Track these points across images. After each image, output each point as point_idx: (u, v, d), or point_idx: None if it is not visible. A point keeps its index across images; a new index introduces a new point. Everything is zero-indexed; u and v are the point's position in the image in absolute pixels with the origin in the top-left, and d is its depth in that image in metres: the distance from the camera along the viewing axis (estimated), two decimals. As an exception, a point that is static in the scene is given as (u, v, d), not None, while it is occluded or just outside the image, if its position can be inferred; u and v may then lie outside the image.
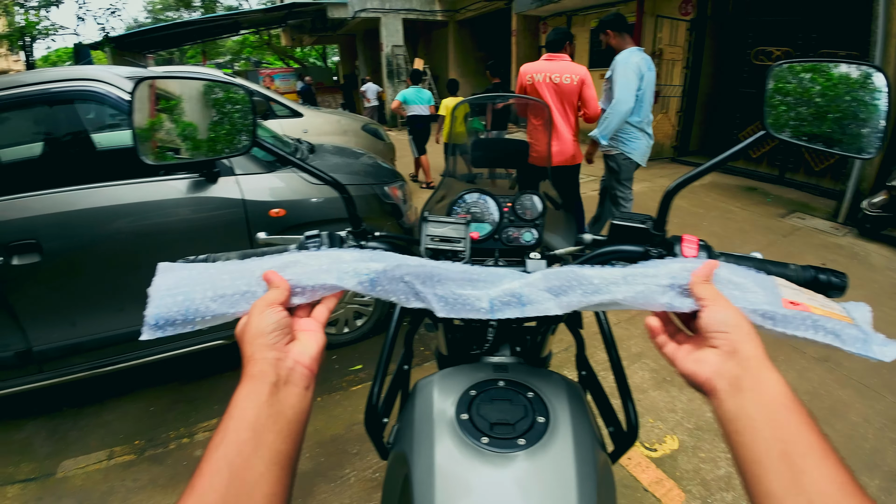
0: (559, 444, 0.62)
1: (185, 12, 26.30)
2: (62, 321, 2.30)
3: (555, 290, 0.59)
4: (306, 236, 0.72)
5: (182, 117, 0.73)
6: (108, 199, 2.23)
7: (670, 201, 0.70)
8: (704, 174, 0.68)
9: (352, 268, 0.59)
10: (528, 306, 0.59)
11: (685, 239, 0.68)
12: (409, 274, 0.60)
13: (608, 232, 0.75)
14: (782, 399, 0.44)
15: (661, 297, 0.56)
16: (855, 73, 0.62)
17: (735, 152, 0.66)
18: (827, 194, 6.06)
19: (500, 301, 0.59)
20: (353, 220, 0.77)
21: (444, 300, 0.59)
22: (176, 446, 2.30)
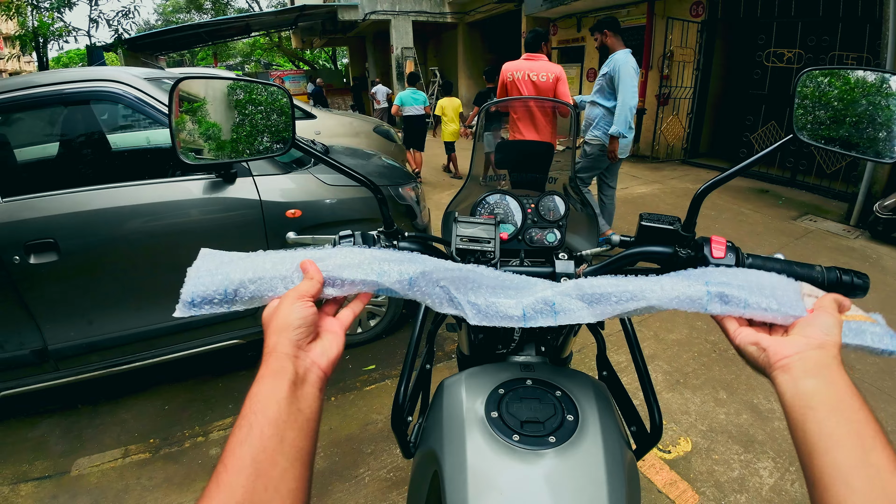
0: (589, 442, 0.63)
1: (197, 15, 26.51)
2: (79, 320, 2.33)
3: (587, 298, 0.60)
4: (340, 236, 0.73)
5: (219, 118, 0.74)
6: (125, 200, 2.26)
7: (701, 202, 0.71)
8: (734, 176, 0.69)
9: (394, 267, 0.60)
10: (561, 314, 0.60)
11: (714, 240, 0.68)
12: (446, 279, 0.61)
13: (636, 233, 0.76)
14: (853, 390, 0.48)
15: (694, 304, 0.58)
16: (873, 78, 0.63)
17: (764, 155, 0.67)
18: (839, 197, 6.01)
19: (533, 309, 0.60)
20: (386, 220, 0.79)
21: (476, 307, 0.60)
22: (191, 445, 2.33)
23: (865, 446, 0.43)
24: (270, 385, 0.49)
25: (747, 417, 2.37)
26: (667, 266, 0.74)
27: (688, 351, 2.91)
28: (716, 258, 0.67)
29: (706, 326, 3.15)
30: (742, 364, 2.70)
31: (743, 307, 0.57)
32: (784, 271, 0.68)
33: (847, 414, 0.46)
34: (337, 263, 0.60)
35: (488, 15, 13.77)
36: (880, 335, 0.57)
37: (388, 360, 2.90)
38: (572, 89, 11.12)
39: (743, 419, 2.36)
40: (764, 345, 0.54)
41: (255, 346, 2.98)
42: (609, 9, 9.52)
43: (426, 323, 0.95)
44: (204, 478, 2.13)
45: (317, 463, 2.14)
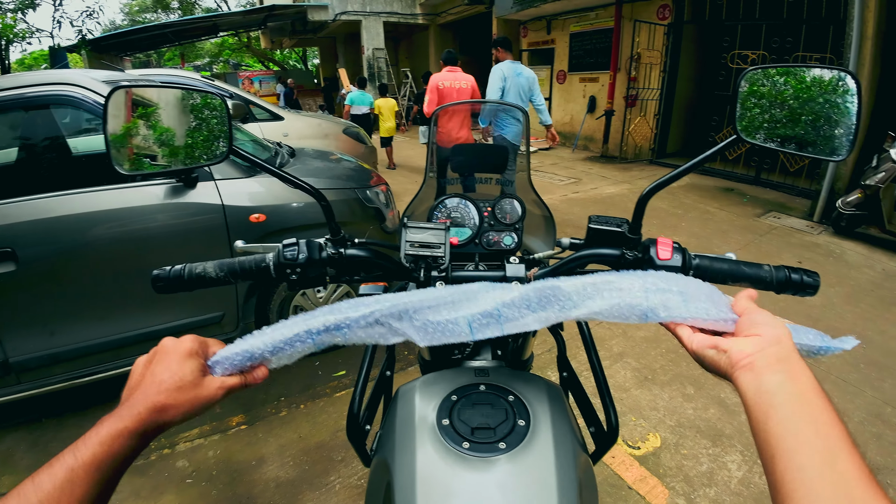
0: (540, 447, 0.63)
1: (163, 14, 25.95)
2: (40, 331, 2.25)
3: (533, 306, 0.60)
4: (284, 245, 0.72)
5: (156, 125, 0.72)
6: (86, 206, 2.19)
7: (645, 205, 0.71)
8: (678, 178, 0.69)
9: (318, 320, 0.60)
10: (508, 324, 0.60)
11: (660, 242, 0.69)
12: (383, 315, 0.60)
13: (585, 235, 0.76)
14: (817, 388, 0.46)
15: (635, 312, 0.58)
16: (826, 76, 0.63)
17: (708, 156, 0.67)
18: (802, 194, 6.20)
19: (479, 322, 0.60)
20: (332, 227, 0.77)
21: (423, 330, 0.60)
22: (157, 458, 2.26)
23: (831, 450, 0.41)
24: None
25: (715, 412, 2.41)
26: (615, 268, 0.74)
27: (656, 348, 2.95)
28: (662, 259, 0.67)
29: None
30: (708, 360, 2.77)
31: (684, 314, 0.57)
32: (732, 271, 0.69)
33: (812, 413, 0.44)
34: (267, 340, 0.59)
35: (460, 17, 13.84)
36: (815, 334, 0.58)
37: (358, 365, 2.86)
38: (543, 90, 11.24)
39: (711, 413, 2.40)
40: (723, 346, 0.53)
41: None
42: (577, 11, 9.65)
43: None
44: (171, 490, 2.08)
45: (286, 471, 2.11)
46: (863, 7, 4.88)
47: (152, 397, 0.50)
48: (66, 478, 0.43)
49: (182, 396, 0.52)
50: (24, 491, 0.41)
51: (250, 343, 0.59)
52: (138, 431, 0.48)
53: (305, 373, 2.82)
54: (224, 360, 0.58)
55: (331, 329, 0.59)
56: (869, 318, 3.28)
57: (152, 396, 0.50)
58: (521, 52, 11.80)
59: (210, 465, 2.20)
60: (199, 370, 0.55)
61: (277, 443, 2.30)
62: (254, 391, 2.68)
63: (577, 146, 10.30)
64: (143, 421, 0.49)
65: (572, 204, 6.14)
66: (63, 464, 0.43)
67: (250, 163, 0.71)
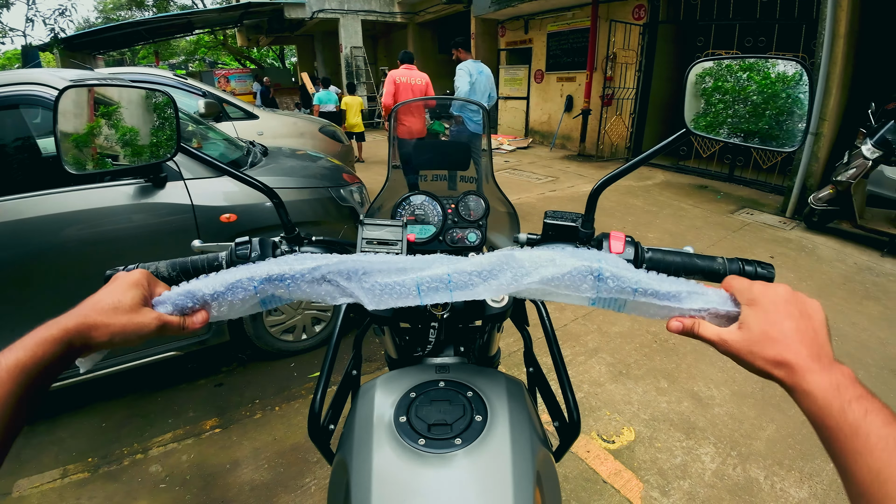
0: (496, 442, 0.63)
1: (138, 12, 25.44)
2: (8, 335, 2.17)
3: (484, 274, 0.59)
4: (236, 243, 0.71)
5: (107, 124, 0.71)
6: (54, 207, 2.14)
7: (597, 199, 0.72)
8: (628, 172, 0.70)
9: (263, 271, 0.59)
10: (458, 291, 0.58)
11: (613, 235, 0.69)
12: (332, 272, 0.59)
13: (542, 230, 0.76)
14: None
15: (587, 280, 0.57)
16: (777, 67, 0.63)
17: (657, 150, 0.68)
18: (775, 190, 6.33)
19: (428, 286, 0.58)
20: (286, 225, 0.77)
21: (371, 292, 0.59)
22: (130, 462, 2.22)
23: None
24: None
25: (688, 405, 2.45)
26: None
27: (630, 343, 2.99)
28: (614, 253, 0.68)
29: (647, 319, 3.24)
30: (682, 353, 2.81)
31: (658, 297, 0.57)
32: (685, 264, 0.69)
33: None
34: (208, 283, 0.59)
35: (438, 16, 13.83)
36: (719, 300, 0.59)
37: (335, 366, 2.85)
38: (520, 90, 11.29)
39: (684, 407, 2.43)
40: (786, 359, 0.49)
41: (193, 357, 2.88)
42: (554, 11, 9.71)
43: (346, 326, 0.93)
44: (145, 496, 2.04)
45: (261, 474, 2.09)
46: (835, 6, 4.98)
47: (86, 312, 0.52)
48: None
49: (115, 318, 0.53)
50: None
51: (193, 285, 0.59)
52: (63, 340, 0.49)
53: (281, 374, 2.79)
54: (166, 299, 0.58)
55: (273, 279, 0.58)
56: (841, 311, 3.36)
57: (85, 311, 0.52)
58: (498, 51, 11.85)
59: (184, 470, 2.16)
60: (140, 300, 0.56)
61: (252, 446, 2.27)
62: (227, 393, 2.65)
63: (555, 145, 10.37)
64: (69, 332, 0.50)
65: (549, 202, 6.18)
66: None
67: (200, 161, 0.70)
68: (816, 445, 2.18)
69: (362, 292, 0.59)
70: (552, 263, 0.58)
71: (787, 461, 2.12)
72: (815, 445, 2.18)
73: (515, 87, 11.52)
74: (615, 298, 0.58)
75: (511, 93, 11.63)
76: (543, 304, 0.91)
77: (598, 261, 0.57)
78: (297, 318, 2.85)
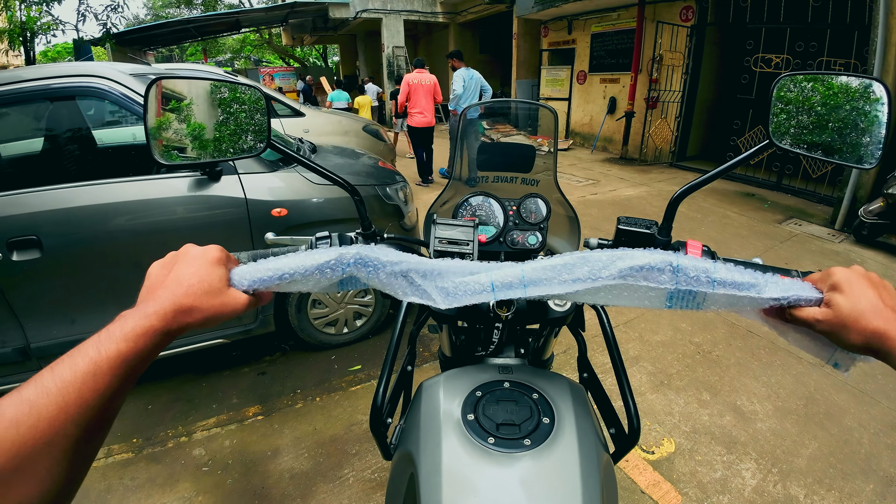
0: (564, 445, 0.63)
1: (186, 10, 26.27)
2: (61, 318, 2.30)
3: (558, 268, 0.58)
4: (317, 237, 0.73)
5: (195, 117, 0.73)
6: (110, 197, 2.23)
7: (676, 207, 0.71)
8: (710, 181, 0.69)
9: (352, 253, 0.59)
10: (532, 287, 0.58)
11: (690, 244, 0.69)
12: (412, 269, 0.60)
13: (614, 236, 0.76)
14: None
15: (665, 271, 0.56)
16: (856, 84, 0.63)
17: (741, 160, 0.67)
18: (824, 201, 6.09)
19: (502, 282, 0.58)
20: (364, 221, 0.78)
21: (444, 290, 0.59)
22: (174, 445, 2.31)
23: None
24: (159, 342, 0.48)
25: (730, 419, 2.39)
26: None
27: (672, 352, 2.93)
28: None
29: (690, 328, 3.17)
30: (725, 366, 2.75)
31: (738, 288, 0.56)
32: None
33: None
34: (295, 261, 0.59)
35: (480, 16, 13.80)
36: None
37: (374, 360, 2.90)
38: (562, 91, 11.18)
39: (726, 420, 2.38)
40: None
41: (239, 345, 2.96)
42: (599, 12, 9.58)
43: (407, 324, 0.94)
44: (187, 478, 2.11)
45: (300, 463, 2.14)
46: (887, 13, 4.77)
47: (180, 298, 0.50)
48: (88, 370, 0.42)
49: (209, 301, 0.52)
50: (41, 380, 0.40)
51: (283, 263, 0.58)
52: (164, 331, 0.48)
53: (322, 366, 2.85)
54: (250, 274, 0.57)
55: (360, 263, 0.59)
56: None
57: (180, 297, 0.50)
58: (540, 51, 11.75)
59: (226, 455, 2.23)
60: (226, 279, 0.55)
61: (292, 434, 2.33)
62: (270, 382, 2.72)
63: (596, 147, 10.24)
64: (169, 321, 0.49)
65: (590, 206, 6.11)
66: (85, 355, 0.43)
67: (287, 157, 0.72)
68: (857, 465, 2.12)
69: (436, 291, 0.60)
70: (630, 256, 0.57)
71: (828, 480, 2.05)
72: (855, 465, 2.11)
73: (557, 87, 11.41)
74: (694, 292, 0.56)
75: (552, 94, 11.52)
76: (604, 309, 0.91)
77: (674, 255, 0.57)
78: (339, 311, 2.90)
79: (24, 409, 0.38)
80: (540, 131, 1.17)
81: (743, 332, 3.12)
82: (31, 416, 0.38)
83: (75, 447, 0.40)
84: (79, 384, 0.41)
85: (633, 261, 0.56)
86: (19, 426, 0.37)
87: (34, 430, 0.37)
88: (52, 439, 0.38)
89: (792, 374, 2.71)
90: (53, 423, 0.38)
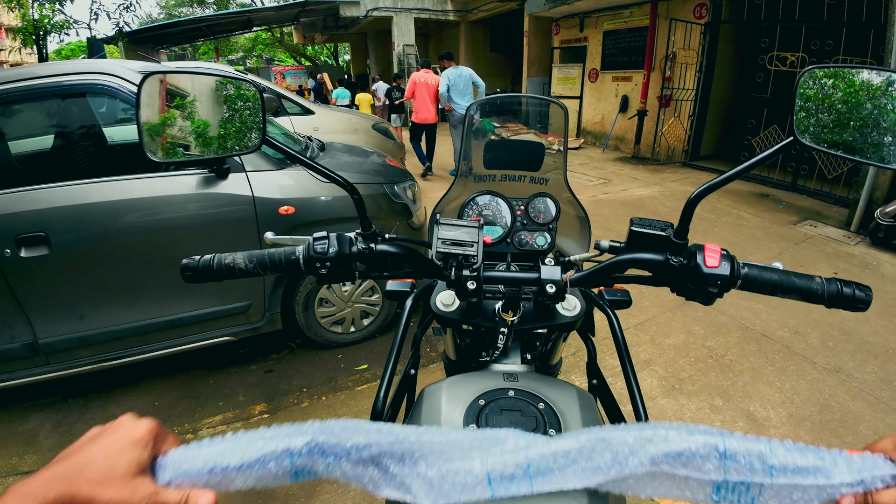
0: None
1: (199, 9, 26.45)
2: (69, 314, 2.30)
3: (573, 455, 0.48)
4: (314, 238, 0.70)
5: (189, 113, 0.71)
6: (118, 194, 2.23)
7: (693, 209, 0.67)
8: (729, 181, 0.65)
9: (303, 442, 0.47)
10: (540, 479, 0.48)
11: (707, 248, 0.65)
12: (384, 453, 0.48)
13: (627, 238, 0.73)
14: None
15: (708, 461, 0.46)
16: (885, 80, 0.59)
17: (760, 160, 0.63)
18: (840, 202, 5.99)
19: (501, 474, 0.47)
20: (364, 222, 0.76)
21: (429, 482, 0.47)
22: (180, 442, 2.30)
23: None
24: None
25: (743, 425, 2.34)
26: (657, 274, 0.70)
27: (684, 356, 2.88)
28: (709, 267, 0.64)
29: (703, 332, 3.12)
30: (739, 370, 2.70)
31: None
32: (782, 282, 0.65)
33: None
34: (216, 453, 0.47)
35: (491, 13, 13.74)
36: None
37: (380, 359, 2.88)
38: (573, 89, 11.11)
39: (739, 427, 2.33)
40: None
41: (246, 342, 2.95)
42: (611, 9, 9.49)
43: (410, 326, 0.92)
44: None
45: (306, 464, 2.13)
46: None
47: (69, 476, 0.42)
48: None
49: (103, 491, 0.42)
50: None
51: (216, 450, 0.47)
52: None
53: (328, 365, 2.83)
54: (175, 463, 0.46)
55: (314, 452, 0.47)
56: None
57: (69, 475, 0.43)
58: (552, 49, 11.68)
59: (232, 454, 2.22)
60: (136, 466, 0.45)
61: (298, 434, 2.31)
62: (277, 380, 2.71)
63: (608, 146, 10.15)
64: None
65: (601, 205, 6.05)
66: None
67: (283, 153, 0.70)
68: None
69: (417, 482, 0.47)
70: (664, 438, 0.47)
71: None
72: None
73: (568, 85, 11.33)
74: (748, 483, 0.45)
75: (563, 92, 11.44)
76: (615, 313, 0.88)
77: (719, 434, 0.47)
78: (346, 310, 2.88)
79: None
80: (551, 129, 1.14)
81: (757, 336, 3.06)
82: None
83: None
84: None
85: (669, 444, 0.46)
86: None
87: None
88: None
89: (807, 380, 2.65)
90: None
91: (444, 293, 0.84)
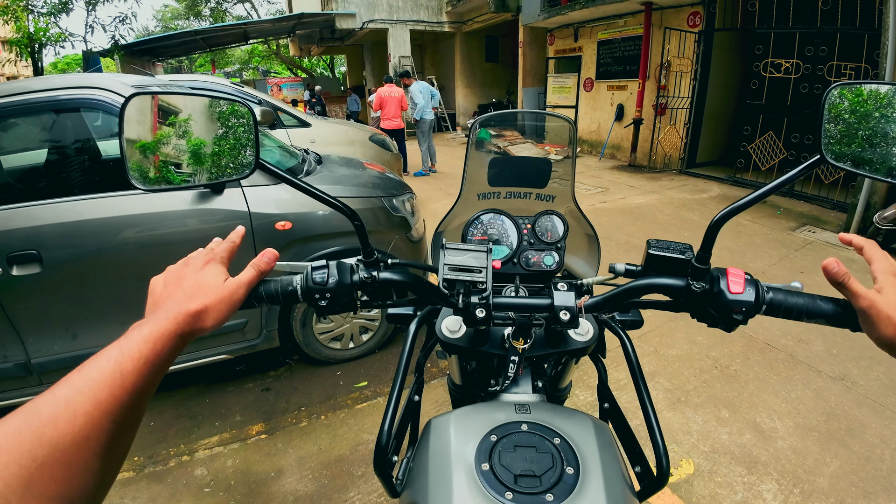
0: (591, 500, 0.56)
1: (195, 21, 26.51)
2: (63, 333, 2.26)
3: None
4: (312, 268, 0.66)
5: (178, 135, 0.67)
6: (112, 210, 2.20)
7: (717, 232, 0.64)
8: (752, 204, 0.62)
9: None
10: None
11: (731, 273, 0.62)
12: None
13: (643, 261, 0.69)
14: None
15: None
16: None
17: (786, 180, 0.60)
18: (837, 207, 5.99)
19: None
20: (366, 248, 0.72)
21: None
22: (176, 464, 2.25)
23: None
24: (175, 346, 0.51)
25: (750, 437, 2.30)
26: (678, 300, 0.67)
27: (689, 367, 2.84)
28: (733, 293, 0.60)
29: (707, 342, 3.08)
30: (744, 381, 2.66)
31: None
32: (808, 306, 0.61)
33: None
34: None
35: (486, 24, 13.83)
36: None
37: (380, 376, 2.83)
38: (569, 98, 11.16)
39: (746, 439, 2.29)
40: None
41: (243, 359, 2.90)
42: (606, 19, 9.54)
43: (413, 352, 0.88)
44: (189, 499, 2.06)
45: (304, 485, 2.07)
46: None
47: (185, 304, 0.55)
48: (115, 370, 0.44)
49: (216, 300, 0.58)
50: (71, 380, 0.42)
51: None
52: (178, 333, 0.52)
53: (327, 382, 2.78)
54: None
55: None
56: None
57: (185, 304, 0.55)
58: (547, 59, 11.73)
59: (228, 475, 2.17)
60: (223, 274, 0.61)
61: (297, 454, 2.26)
62: (274, 399, 2.65)
63: (604, 155, 10.16)
64: (181, 324, 0.53)
65: (600, 214, 6.03)
66: (110, 358, 0.45)
67: (279, 178, 0.66)
68: (879, 483, 2.04)
69: None
70: None
71: (850, 500, 1.96)
72: (877, 483, 2.03)
73: (564, 95, 11.36)
74: None
75: (559, 101, 11.47)
76: (627, 335, 0.84)
77: None
78: (345, 326, 2.84)
79: (61, 407, 0.39)
80: (548, 138, 1.11)
81: (761, 346, 3.03)
82: (68, 412, 0.39)
83: (110, 442, 0.42)
84: (108, 382, 0.43)
85: None
86: (57, 422, 0.38)
87: (72, 426, 0.39)
88: (88, 434, 0.40)
89: (812, 389, 2.62)
90: (89, 418, 0.40)
91: (450, 318, 0.80)
